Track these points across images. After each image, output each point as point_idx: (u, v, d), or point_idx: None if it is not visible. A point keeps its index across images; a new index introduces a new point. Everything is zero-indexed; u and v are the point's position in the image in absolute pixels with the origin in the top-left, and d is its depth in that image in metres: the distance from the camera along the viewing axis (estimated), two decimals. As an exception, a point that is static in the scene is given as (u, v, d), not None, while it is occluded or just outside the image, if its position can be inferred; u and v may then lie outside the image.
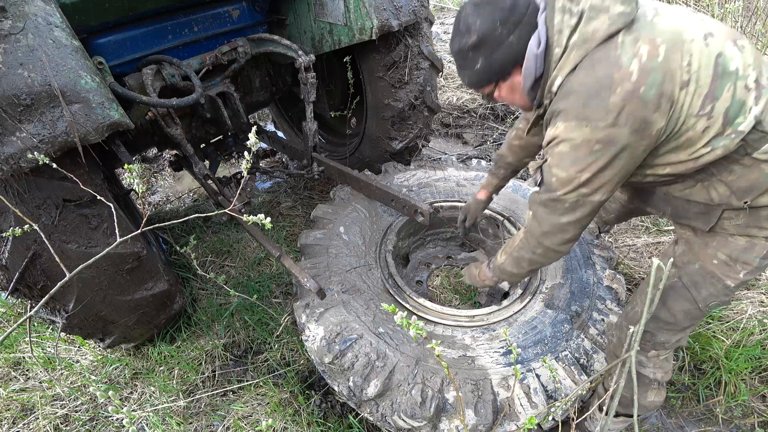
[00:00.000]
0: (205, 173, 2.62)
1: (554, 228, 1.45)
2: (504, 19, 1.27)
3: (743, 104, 1.17)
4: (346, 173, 2.69)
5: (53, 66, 1.50)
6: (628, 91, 1.14)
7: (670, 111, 1.17)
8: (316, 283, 1.95)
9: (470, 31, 1.32)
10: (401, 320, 1.01)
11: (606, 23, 1.17)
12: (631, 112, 1.16)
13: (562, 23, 1.22)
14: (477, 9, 1.30)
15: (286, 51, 2.59)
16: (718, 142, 1.20)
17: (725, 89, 1.17)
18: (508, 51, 1.31)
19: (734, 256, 1.39)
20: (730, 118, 1.18)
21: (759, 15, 3.97)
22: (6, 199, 1.46)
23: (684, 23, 1.20)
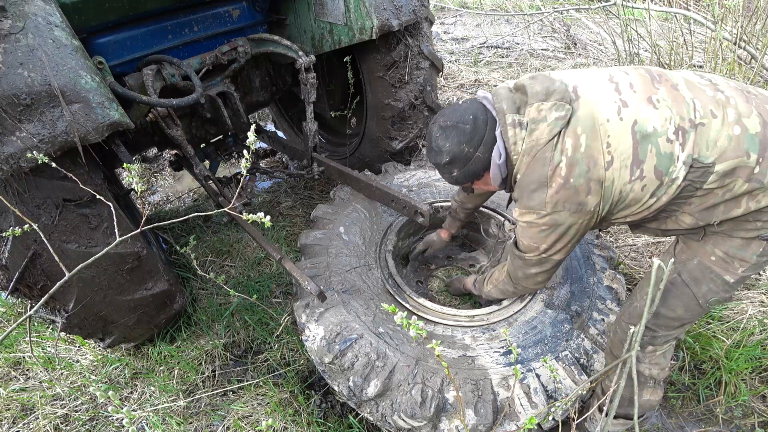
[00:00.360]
0: (206, 174, 2.62)
1: (527, 275, 1.75)
2: (468, 141, 1.52)
3: (670, 155, 1.31)
4: (346, 174, 2.69)
5: (53, 66, 1.50)
6: (560, 184, 1.38)
7: (601, 190, 1.37)
8: (317, 286, 1.96)
9: (442, 152, 1.57)
10: (401, 320, 1.01)
11: (546, 131, 1.38)
12: (565, 200, 1.40)
13: (515, 137, 1.45)
14: (444, 132, 1.55)
15: (286, 51, 2.59)
16: (660, 191, 1.36)
17: (647, 151, 1.32)
18: (476, 163, 1.56)
19: (731, 254, 1.43)
20: (662, 171, 1.32)
21: (759, 15, 3.97)
22: (6, 198, 1.45)
23: (598, 103, 1.36)
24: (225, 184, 2.83)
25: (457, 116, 1.53)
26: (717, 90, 1.34)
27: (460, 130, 1.52)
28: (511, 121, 1.44)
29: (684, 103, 1.32)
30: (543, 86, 1.40)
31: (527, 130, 1.42)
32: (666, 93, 1.34)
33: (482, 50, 6.05)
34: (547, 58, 5.56)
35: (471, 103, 1.56)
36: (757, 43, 3.83)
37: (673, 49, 4.27)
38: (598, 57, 5.19)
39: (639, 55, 4.50)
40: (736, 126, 1.28)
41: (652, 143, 1.31)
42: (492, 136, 1.51)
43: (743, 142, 1.27)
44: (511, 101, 1.46)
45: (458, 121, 1.52)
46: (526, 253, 1.64)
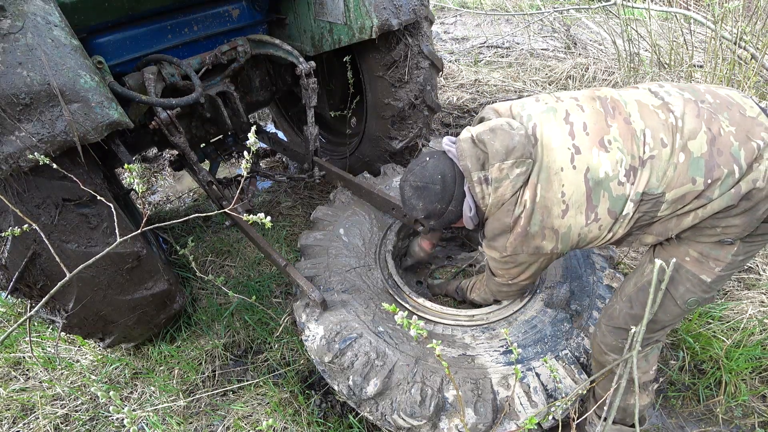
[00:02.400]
0: (209, 180, 2.62)
1: (501, 289, 1.94)
2: (440, 199, 1.65)
3: (622, 196, 1.38)
4: (347, 179, 2.69)
5: (52, 65, 1.50)
6: (519, 233, 1.51)
7: (556, 237, 1.48)
8: (320, 293, 1.96)
9: (417, 209, 1.71)
10: (402, 320, 1.01)
11: (509, 187, 1.47)
12: (523, 244, 1.54)
13: (482, 192, 1.55)
14: (416, 192, 1.68)
15: (287, 56, 2.60)
16: (616, 227, 1.45)
17: (600, 196, 1.40)
18: (450, 215, 1.69)
19: (705, 253, 1.45)
20: (616, 212, 1.41)
21: (759, 15, 3.97)
22: (5, 198, 1.45)
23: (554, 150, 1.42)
24: (225, 186, 2.82)
25: (426, 177, 1.65)
26: (669, 111, 1.36)
27: (431, 191, 1.64)
28: (477, 179, 1.53)
29: (635, 138, 1.37)
30: (503, 144, 1.44)
31: (492, 187, 1.51)
32: (618, 131, 1.39)
33: (482, 50, 6.05)
34: (547, 57, 5.55)
35: (438, 160, 1.67)
36: (757, 42, 3.83)
37: (673, 49, 4.27)
38: (598, 57, 5.18)
39: (639, 55, 4.50)
40: (681, 153, 1.32)
41: (605, 188, 1.38)
42: (461, 192, 1.64)
43: (688, 169, 1.31)
44: (475, 158, 1.52)
45: (428, 182, 1.65)
46: (496, 277, 1.84)
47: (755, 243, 1.41)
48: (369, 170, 3.27)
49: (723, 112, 1.34)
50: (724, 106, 1.35)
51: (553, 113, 1.48)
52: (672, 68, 4.25)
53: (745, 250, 1.41)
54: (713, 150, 1.30)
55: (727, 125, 1.31)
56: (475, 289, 2.21)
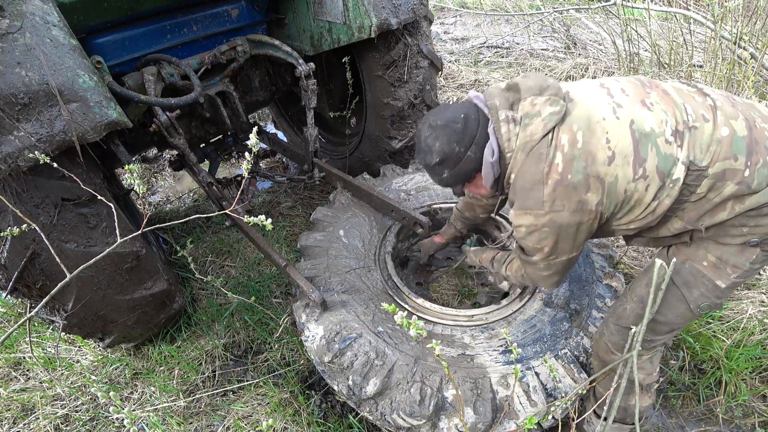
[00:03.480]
0: (209, 180, 2.62)
1: (540, 278, 1.66)
2: (459, 140, 1.46)
3: (671, 156, 1.29)
4: (347, 181, 2.69)
5: (51, 65, 1.50)
6: (557, 180, 1.32)
7: (602, 188, 1.32)
8: (320, 294, 1.96)
9: (432, 151, 1.50)
10: (401, 320, 1.01)
11: (540, 126, 1.34)
12: (563, 197, 1.33)
13: (509, 133, 1.40)
14: (434, 132, 1.49)
15: (286, 57, 2.60)
16: (663, 194, 1.33)
17: (648, 150, 1.29)
18: (467, 163, 1.50)
19: (724, 259, 1.41)
20: (664, 172, 1.30)
21: (759, 15, 3.96)
22: (5, 198, 1.45)
23: (592, 104, 1.35)
24: (225, 186, 2.82)
25: (447, 115, 1.48)
26: (705, 96, 1.36)
27: (451, 129, 1.46)
28: (504, 117, 1.40)
29: (676, 106, 1.33)
30: (536, 83, 1.38)
31: (521, 125, 1.38)
32: (658, 97, 1.35)
33: (482, 50, 6.05)
34: (547, 58, 5.55)
35: (462, 104, 1.52)
36: (757, 42, 3.83)
37: (673, 49, 4.26)
38: (598, 57, 5.18)
39: (639, 55, 4.50)
40: (724, 127, 1.28)
41: (652, 143, 1.29)
42: (484, 134, 1.45)
43: (731, 144, 1.27)
44: (504, 98, 1.42)
45: (449, 120, 1.47)
46: (531, 255, 1.56)
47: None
48: (368, 170, 3.28)
49: (753, 110, 1.34)
50: (751, 106, 1.36)
51: (586, 82, 1.44)
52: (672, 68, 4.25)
53: (762, 258, 1.39)
54: (752, 136, 1.28)
55: (761, 122, 1.31)
56: (510, 268, 1.89)
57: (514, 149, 1.41)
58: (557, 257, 1.50)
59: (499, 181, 1.55)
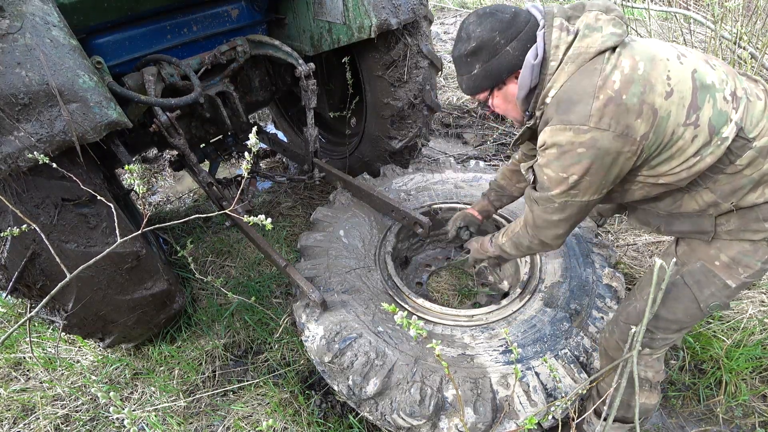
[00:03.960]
0: (209, 180, 2.62)
1: (547, 224, 1.54)
2: (503, 30, 1.35)
3: (725, 114, 1.25)
4: (347, 181, 2.69)
5: (51, 65, 1.50)
6: (610, 97, 1.21)
7: (653, 119, 1.23)
8: (320, 294, 1.96)
9: (470, 38, 1.39)
10: (401, 320, 1.01)
11: (599, 40, 1.26)
12: (613, 117, 1.22)
13: (559, 39, 1.31)
14: (479, 19, 1.39)
15: (286, 57, 2.60)
16: (707, 150, 1.26)
17: (706, 100, 1.24)
18: (504, 59, 1.38)
19: (737, 259, 1.40)
20: (715, 128, 1.24)
21: (759, 15, 3.96)
22: (5, 198, 1.45)
23: (656, 46, 1.30)
24: (225, 186, 2.82)
25: (497, 7, 1.38)
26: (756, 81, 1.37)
27: (497, 18, 1.35)
28: (558, 24, 1.30)
29: (736, 76, 1.32)
30: (603, 3, 1.32)
31: (578, 36, 1.28)
32: (719, 63, 1.33)
33: (482, 50, 6.04)
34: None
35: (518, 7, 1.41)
36: (757, 42, 3.83)
37: (673, 48, 4.25)
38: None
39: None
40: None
41: (711, 95, 1.25)
42: (531, 35, 1.35)
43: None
44: (563, 10, 1.33)
45: (497, 10, 1.37)
46: (550, 189, 1.42)
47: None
48: (368, 170, 3.28)
49: None
50: None
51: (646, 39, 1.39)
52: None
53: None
54: None
55: None
56: (508, 232, 1.83)
57: (562, 58, 1.31)
58: (578, 194, 1.38)
59: (532, 96, 1.43)
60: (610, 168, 1.30)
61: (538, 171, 1.47)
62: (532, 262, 2.30)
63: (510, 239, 1.81)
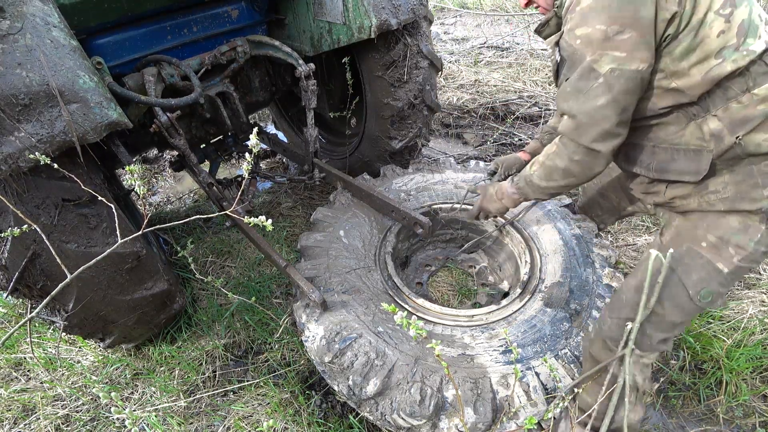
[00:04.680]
0: (209, 181, 2.62)
1: (591, 117, 1.31)
2: None
3: (757, 28, 1.19)
4: (347, 181, 2.69)
5: (51, 66, 1.51)
6: None
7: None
8: (320, 294, 1.96)
9: None
10: (401, 320, 1.01)
11: None
12: None
13: None
14: None
15: (286, 58, 2.60)
16: (730, 54, 1.19)
17: (743, 4, 1.19)
18: None
19: (726, 238, 1.33)
20: (745, 32, 1.18)
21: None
22: (5, 199, 1.46)
23: None
24: (226, 186, 2.83)
25: None
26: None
27: None
28: None
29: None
30: None
31: None
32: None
33: (482, 50, 6.05)
34: (547, 58, 5.55)
35: None
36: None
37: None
38: (599, 56, 5.17)
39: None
40: None
41: (749, 3, 1.21)
42: None
43: None
44: None
45: None
46: (587, 53, 1.24)
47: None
48: (369, 170, 3.28)
49: None
50: None
51: None
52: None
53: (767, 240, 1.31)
54: None
55: None
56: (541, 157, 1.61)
57: None
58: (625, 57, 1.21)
59: None
60: (651, 21, 1.18)
61: (567, 41, 1.30)
62: (532, 262, 2.30)
63: (542, 165, 1.57)
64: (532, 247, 2.37)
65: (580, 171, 1.47)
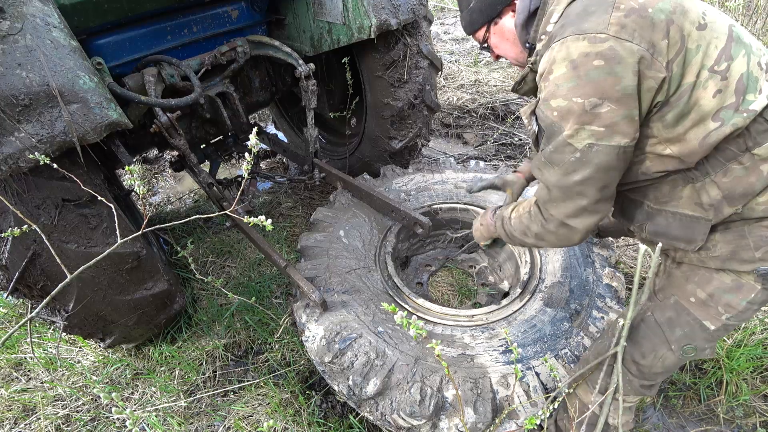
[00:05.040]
0: (210, 182, 2.62)
1: (565, 191, 1.22)
2: None
3: (756, 80, 1.07)
4: (347, 181, 2.69)
5: (51, 66, 1.51)
6: (634, 8, 1.04)
7: (680, 46, 1.05)
8: (320, 294, 1.96)
9: None
10: (401, 320, 1.00)
11: None
12: (636, 29, 1.03)
13: None
14: None
15: (286, 58, 2.60)
16: (729, 116, 1.06)
17: (740, 54, 1.07)
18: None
19: (716, 296, 1.25)
20: (744, 89, 1.06)
21: (759, 14, 3.96)
22: (5, 199, 1.46)
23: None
24: (226, 186, 2.83)
25: None
26: None
27: None
28: None
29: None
30: None
31: None
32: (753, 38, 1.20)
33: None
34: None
35: None
36: (757, 41, 3.82)
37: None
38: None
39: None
40: None
41: (747, 51, 1.08)
42: None
43: None
44: None
45: None
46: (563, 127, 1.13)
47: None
48: (369, 170, 3.28)
49: None
50: None
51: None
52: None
53: (762, 299, 1.21)
54: None
55: None
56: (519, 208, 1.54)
57: None
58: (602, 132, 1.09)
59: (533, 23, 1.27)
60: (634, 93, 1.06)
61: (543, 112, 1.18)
62: (532, 262, 2.30)
63: (519, 218, 1.49)
64: (532, 247, 2.38)
65: (554, 240, 1.39)
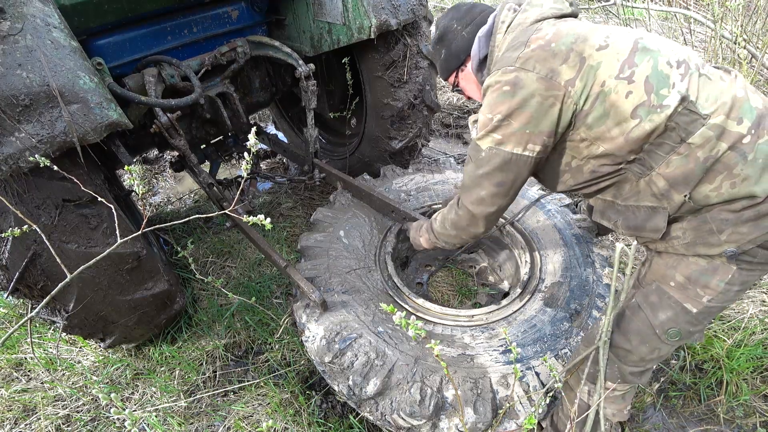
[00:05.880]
0: (210, 182, 2.62)
1: (472, 181, 1.51)
2: (459, 18, 1.57)
3: (666, 77, 1.19)
4: (348, 182, 2.69)
5: (51, 66, 1.51)
6: (540, 45, 1.28)
7: (580, 66, 1.24)
8: (320, 294, 1.96)
9: (437, 28, 1.65)
10: (400, 320, 1.01)
11: (537, 12, 1.39)
12: (538, 60, 1.27)
13: (505, 16, 1.45)
14: (445, 14, 1.64)
15: (286, 58, 2.61)
16: (644, 113, 1.20)
17: (644, 60, 1.21)
18: (461, 42, 1.58)
19: (694, 278, 1.31)
20: (652, 87, 1.19)
21: (759, 14, 3.96)
22: (6, 199, 1.46)
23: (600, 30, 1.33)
24: (226, 187, 2.83)
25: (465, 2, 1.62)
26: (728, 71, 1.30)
27: (457, 9, 1.60)
28: (509, 6, 1.46)
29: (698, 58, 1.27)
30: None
31: (520, 11, 1.42)
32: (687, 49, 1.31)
33: (482, 50, 6.04)
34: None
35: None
36: (757, 42, 3.83)
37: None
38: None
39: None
40: (740, 90, 1.21)
41: (652, 56, 1.21)
42: (484, 19, 1.53)
43: (741, 106, 1.18)
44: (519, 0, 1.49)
45: (461, 3, 1.61)
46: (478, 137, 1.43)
47: (754, 272, 1.27)
48: (369, 170, 3.28)
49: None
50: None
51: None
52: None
53: (741, 279, 1.27)
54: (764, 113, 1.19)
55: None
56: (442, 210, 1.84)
57: (505, 30, 1.44)
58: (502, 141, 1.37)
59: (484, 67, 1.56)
60: (536, 113, 1.30)
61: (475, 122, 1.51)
62: (532, 262, 2.30)
63: (442, 212, 1.78)
64: (532, 246, 2.37)
65: (463, 227, 1.68)
